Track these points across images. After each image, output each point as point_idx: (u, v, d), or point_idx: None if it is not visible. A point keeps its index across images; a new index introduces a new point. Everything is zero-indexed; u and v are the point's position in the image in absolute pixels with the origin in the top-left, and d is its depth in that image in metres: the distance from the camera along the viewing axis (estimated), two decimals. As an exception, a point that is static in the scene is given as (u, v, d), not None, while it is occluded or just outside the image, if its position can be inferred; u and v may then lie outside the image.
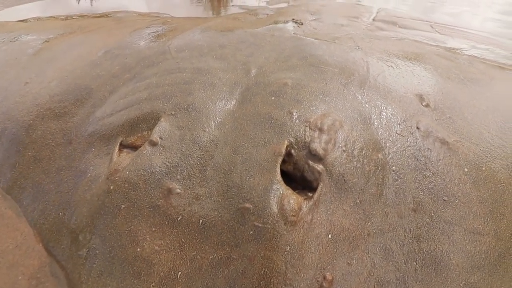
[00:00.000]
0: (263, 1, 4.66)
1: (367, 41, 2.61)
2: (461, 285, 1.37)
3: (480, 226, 1.47)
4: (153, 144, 1.60)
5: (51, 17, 4.04)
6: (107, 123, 1.80)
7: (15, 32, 3.33)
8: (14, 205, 1.77)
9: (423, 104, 1.86)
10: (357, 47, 2.36)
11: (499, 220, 1.50)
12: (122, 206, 1.44)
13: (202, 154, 1.58)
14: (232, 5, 4.46)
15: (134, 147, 1.71)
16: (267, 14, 3.01)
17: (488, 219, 1.49)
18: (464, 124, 1.81)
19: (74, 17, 4.06)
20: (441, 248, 1.41)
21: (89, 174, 1.65)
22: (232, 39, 2.29)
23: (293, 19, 2.68)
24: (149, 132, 1.70)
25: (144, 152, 1.58)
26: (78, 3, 4.86)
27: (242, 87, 1.88)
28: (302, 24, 2.63)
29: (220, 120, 1.70)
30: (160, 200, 1.46)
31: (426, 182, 1.54)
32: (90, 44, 2.55)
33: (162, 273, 1.32)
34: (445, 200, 1.50)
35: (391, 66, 2.16)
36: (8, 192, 1.83)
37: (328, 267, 1.33)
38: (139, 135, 1.72)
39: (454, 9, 5.07)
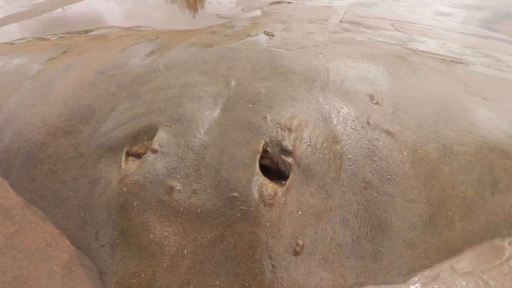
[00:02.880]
0: (238, 8, 5.00)
1: (330, 47, 3.00)
2: (401, 241, 1.80)
3: (416, 196, 1.90)
4: (154, 151, 1.95)
5: (37, 37, 4.26)
6: (112, 136, 2.13)
7: (8, 54, 3.56)
8: (38, 211, 2.09)
9: (373, 102, 2.28)
10: (321, 54, 2.76)
11: (430, 190, 1.94)
12: (135, 203, 1.80)
13: (195, 157, 1.95)
14: (210, 14, 4.78)
15: (137, 155, 2.06)
16: (242, 27, 3.37)
17: (422, 190, 1.92)
18: (406, 116, 2.23)
19: (59, 35, 4.30)
20: (385, 215, 1.83)
21: (102, 181, 1.99)
22: (212, 54, 2.65)
23: (265, 31, 3.05)
24: (149, 141, 2.05)
25: (148, 158, 1.93)
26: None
27: (224, 97, 2.24)
28: (273, 36, 3.00)
29: (207, 127, 2.07)
30: (165, 196, 1.82)
31: (374, 165, 1.96)
32: (85, 65, 2.85)
33: (172, 252, 1.70)
34: (388, 178, 1.92)
35: (349, 70, 2.56)
36: (31, 201, 2.14)
37: (300, 236, 1.73)
38: (141, 144, 2.07)
39: (413, 5, 5.53)
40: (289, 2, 5.17)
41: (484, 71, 3.28)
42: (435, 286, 1.70)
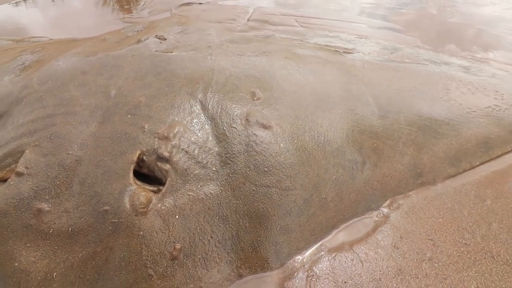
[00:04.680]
0: (145, 11, 4.86)
1: (224, 47, 3.07)
2: (277, 228, 1.92)
3: (291, 184, 2.04)
4: (20, 174, 1.83)
5: None
6: (-25, 163, 1.96)
7: None
8: None
9: (255, 98, 2.38)
10: (211, 55, 2.80)
11: (304, 177, 2.09)
12: (-4, 232, 1.68)
13: (68, 174, 1.87)
14: (114, 19, 4.59)
15: (4, 181, 1.91)
16: (137, 31, 3.29)
17: (297, 177, 2.07)
18: (285, 110, 2.37)
19: None
20: (262, 206, 1.94)
21: (-37, 213, 1.82)
22: (94, 64, 2.55)
23: (156, 35, 3.01)
24: (16, 164, 1.92)
25: (12, 183, 1.81)
26: None
27: (102, 109, 2.18)
28: (165, 39, 2.98)
29: (82, 141, 1.99)
30: (32, 220, 1.72)
31: (252, 160, 2.05)
32: (-48, 86, 2.56)
33: (39, 277, 1.62)
34: (265, 171, 2.03)
35: (235, 69, 2.64)
36: None
37: (177, 240, 1.76)
38: (7, 169, 1.93)
39: (320, 1, 5.86)
40: (200, 3, 5.16)
41: (370, 59, 3.61)
42: (307, 266, 1.85)
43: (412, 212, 2.18)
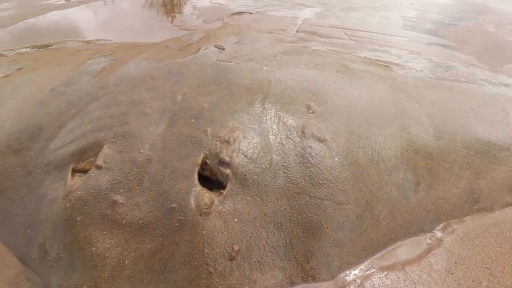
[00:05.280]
0: (200, 19, 5.12)
1: (278, 58, 3.17)
2: (330, 241, 1.97)
3: (344, 198, 2.08)
4: (99, 167, 2.04)
5: (-5, 52, 4.21)
6: (59, 154, 2.20)
7: (-39, 72, 3.52)
8: (-14, 230, 2.13)
9: (310, 111, 2.45)
10: (266, 67, 2.92)
11: (357, 192, 2.12)
12: (78, 218, 1.88)
13: (139, 171, 2.05)
14: (171, 26, 4.88)
15: (84, 171, 2.13)
16: (196, 40, 3.49)
17: (350, 192, 2.10)
18: (339, 124, 2.42)
19: (17, 51, 4.27)
20: (316, 218, 2.00)
21: (48, 197, 2.06)
22: (161, 69, 2.75)
23: (215, 45, 3.18)
24: (95, 158, 2.14)
25: (92, 174, 2.01)
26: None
27: (170, 113, 2.35)
28: (223, 49, 3.14)
29: (152, 142, 2.17)
30: (108, 210, 1.91)
31: (307, 171, 2.12)
32: (36, 83, 2.89)
33: (113, 263, 1.79)
34: (320, 183, 2.09)
35: (290, 81, 2.73)
36: (-21, 220, 2.18)
37: (236, 242, 1.86)
38: (87, 161, 2.15)
39: (366, 13, 5.83)
40: (250, 13, 5.34)
41: (422, 76, 3.55)
42: (358, 281, 1.88)
43: (467, 238, 2.13)
